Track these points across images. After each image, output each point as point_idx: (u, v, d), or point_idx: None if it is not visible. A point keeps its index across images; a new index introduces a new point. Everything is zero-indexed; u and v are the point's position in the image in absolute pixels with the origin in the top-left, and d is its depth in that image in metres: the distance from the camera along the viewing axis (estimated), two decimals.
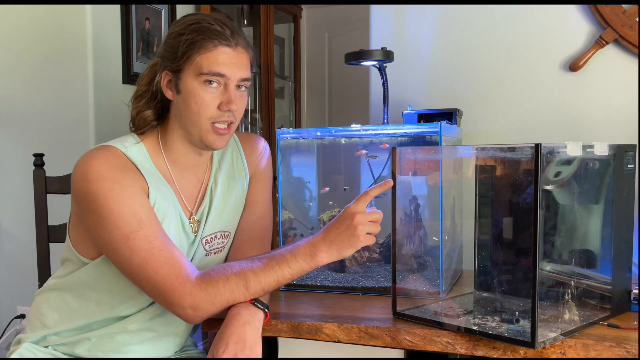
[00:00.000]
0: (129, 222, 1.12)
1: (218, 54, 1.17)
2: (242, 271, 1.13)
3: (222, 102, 1.18)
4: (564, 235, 1.18)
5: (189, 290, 1.11)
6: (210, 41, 1.17)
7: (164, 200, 1.21)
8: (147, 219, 1.14)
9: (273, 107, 3.33)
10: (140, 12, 2.61)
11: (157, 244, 1.12)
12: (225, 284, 1.11)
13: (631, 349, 0.98)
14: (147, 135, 1.27)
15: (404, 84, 1.80)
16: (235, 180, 1.34)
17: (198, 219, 1.28)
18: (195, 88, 1.17)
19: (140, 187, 1.17)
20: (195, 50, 1.17)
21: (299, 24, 3.93)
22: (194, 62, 1.17)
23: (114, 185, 1.13)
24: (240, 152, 1.37)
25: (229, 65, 1.18)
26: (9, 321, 2.51)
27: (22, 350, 1.29)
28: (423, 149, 1.32)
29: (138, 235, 1.12)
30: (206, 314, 1.13)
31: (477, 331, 1.06)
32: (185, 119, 1.21)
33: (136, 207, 1.13)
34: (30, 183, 1.60)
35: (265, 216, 1.37)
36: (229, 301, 1.12)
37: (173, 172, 1.27)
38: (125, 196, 1.13)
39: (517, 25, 1.68)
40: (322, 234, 1.14)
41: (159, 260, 1.11)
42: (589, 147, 1.10)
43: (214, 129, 1.19)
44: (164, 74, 1.22)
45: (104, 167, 1.15)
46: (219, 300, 1.12)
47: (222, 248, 1.32)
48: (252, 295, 1.13)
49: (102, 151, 1.18)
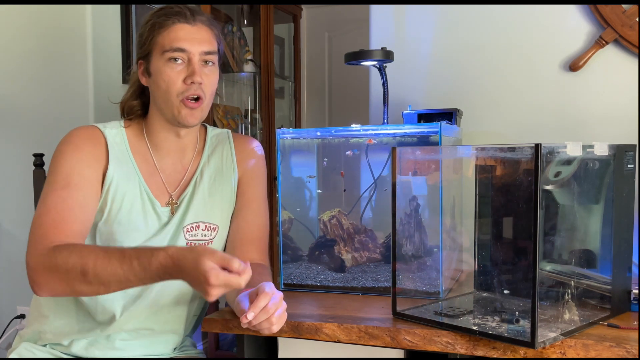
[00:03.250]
0: (58, 179, 1.19)
1: (177, 30, 1.24)
2: (86, 252, 1.06)
3: (187, 75, 1.23)
4: (564, 235, 1.18)
5: (39, 250, 1.10)
6: (169, 19, 1.24)
7: (127, 180, 1.26)
8: (74, 184, 1.19)
9: (273, 107, 3.33)
10: (140, 12, 2.60)
11: (60, 206, 1.16)
12: (64, 261, 1.06)
13: (631, 349, 0.98)
14: (133, 121, 1.33)
15: (404, 84, 1.80)
16: (222, 176, 1.36)
17: (177, 203, 1.30)
18: (161, 67, 1.24)
19: (96, 159, 1.24)
20: (156, 31, 1.24)
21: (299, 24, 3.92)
22: (157, 43, 1.24)
23: (69, 148, 1.23)
24: (232, 150, 1.38)
25: (189, 40, 1.24)
26: (9, 321, 2.51)
27: (21, 350, 1.29)
28: (423, 149, 1.32)
29: (55, 192, 1.18)
30: (45, 288, 1.09)
31: (477, 331, 1.06)
32: (159, 100, 1.26)
33: (73, 171, 1.20)
34: (30, 183, 1.60)
35: (261, 215, 1.38)
36: (63, 282, 1.06)
37: (155, 157, 1.32)
38: (72, 159, 1.21)
39: (517, 25, 1.68)
40: (179, 256, 0.99)
41: (49, 218, 1.15)
42: (589, 147, 1.10)
43: (184, 103, 1.24)
44: (139, 63, 1.29)
45: (75, 134, 1.25)
46: (54, 277, 1.07)
47: (209, 241, 1.32)
48: (89, 284, 1.04)
49: (83, 126, 1.29)
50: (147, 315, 1.27)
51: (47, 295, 1.12)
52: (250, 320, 1.02)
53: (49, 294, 1.12)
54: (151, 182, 1.29)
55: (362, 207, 1.42)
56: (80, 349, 1.28)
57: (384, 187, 1.39)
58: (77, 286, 1.07)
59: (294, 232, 1.45)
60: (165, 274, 1.01)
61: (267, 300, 1.02)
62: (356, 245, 1.42)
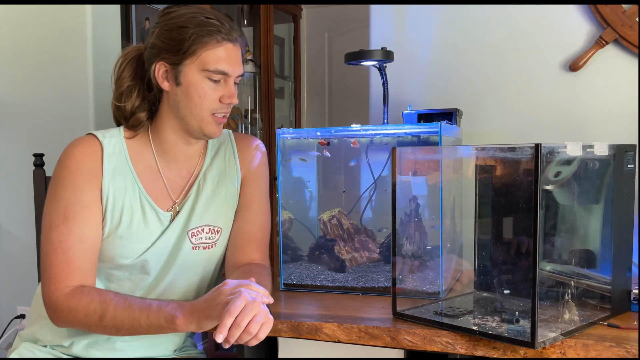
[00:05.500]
0: (57, 213, 1.20)
1: (223, 50, 1.22)
2: (107, 300, 1.15)
3: (225, 96, 1.24)
4: (564, 235, 1.18)
5: (56, 297, 1.17)
6: (214, 35, 1.21)
7: (124, 193, 1.25)
8: (72, 217, 1.19)
9: (273, 107, 3.33)
10: (140, 12, 2.61)
11: (65, 245, 1.18)
12: (86, 306, 1.15)
13: (631, 349, 0.98)
14: (137, 128, 1.30)
15: (404, 84, 1.80)
16: (225, 177, 1.35)
17: (179, 209, 1.29)
18: (198, 82, 1.22)
19: (94, 177, 1.23)
20: (200, 45, 1.20)
21: (299, 24, 3.92)
22: (198, 57, 1.21)
23: (66, 173, 1.22)
24: (234, 151, 1.38)
25: (231, 63, 1.23)
26: (9, 321, 2.51)
27: (21, 350, 1.29)
28: (423, 149, 1.32)
29: (58, 229, 1.19)
30: (63, 323, 1.20)
31: (477, 331, 1.06)
32: (185, 110, 1.24)
33: (70, 202, 1.20)
34: (30, 183, 1.60)
35: (262, 215, 1.37)
36: (81, 322, 1.16)
37: (161, 163, 1.30)
38: (69, 187, 1.21)
39: (517, 25, 1.68)
40: (192, 303, 1.10)
41: (57, 258, 1.18)
42: (589, 147, 1.10)
43: (214, 119, 1.25)
44: (158, 65, 1.24)
45: (70, 155, 1.23)
46: (73, 317, 1.16)
47: (212, 244, 1.32)
48: (104, 328, 1.15)
49: (80, 140, 1.26)
50: None
51: (64, 327, 1.24)
52: (224, 340, 1.01)
53: (64, 326, 1.22)
54: (154, 189, 1.28)
55: (362, 207, 1.43)
56: (81, 350, 1.28)
57: (384, 187, 1.39)
58: (93, 328, 1.17)
59: (294, 232, 1.45)
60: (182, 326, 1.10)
61: (232, 318, 0.99)
62: (356, 245, 1.42)
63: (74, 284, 1.17)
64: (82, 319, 1.15)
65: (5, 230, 2.56)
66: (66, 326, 1.21)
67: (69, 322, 1.18)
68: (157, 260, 1.26)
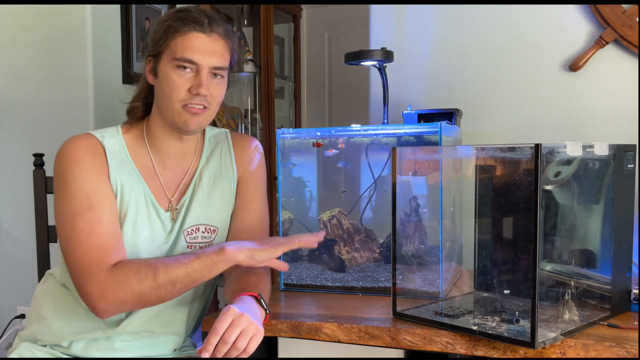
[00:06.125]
0: (79, 203, 1.18)
1: (191, 39, 1.21)
2: (153, 263, 1.15)
3: (193, 85, 1.21)
4: (564, 235, 1.18)
5: (101, 278, 1.14)
6: (185, 26, 1.21)
7: (131, 189, 1.24)
8: (97, 204, 1.18)
9: (273, 107, 3.33)
10: (140, 12, 2.61)
11: (97, 230, 1.17)
12: (135, 273, 1.13)
13: (631, 349, 0.98)
14: (132, 125, 1.31)
15: (404, 84, 1.80)
16: (221, 177, 1.35)
17: (177, 208, 1.29)
18: (168, 72, 1.22)
19: (101, 170, 1.22)
20: (171, 34, 1.21)
21: (299, 24, 3.92)
22: (169, 47, 1.22)
23: (76, 166, 1.20)
24: (230, 151, 1.37)
25: (201, 52, 1.21)
26: (9, 321, 2.51)
27: (21, 350, 1.29)
28: (423, 149, 1.32)
29: (84, 217, 1.17)
30: (113, 304, 1.15)
31: (477, 331, 1.06)
32: (160, 102, 1.25)
33: (90, 191, 1.19)
34: (30, 183, 1.60)
35: (261, 216, 1.37)
36: (134, 291, 1.13)
37: (156, 161, 1.30)
38: (84, 178, 1.19)
39: (517, 25, 1.68)
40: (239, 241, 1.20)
41: (92, 245, 1.16)
42: (589, 147, 1.10)
43: (185, 109, 1.22)
44: (148, 60, 1.27)
45: (73, 149, 1.21)
46: (126, 288, 1.13)
47: (208, 243, 1.32)
48: (159, 287, 1.13)
49: (79, 137, 1.25)
50: (149, 317, 1.27)
51: (111, 315, 1.18)
52: (210, 355, 1.01)
53: (113, 310, 1.17)
54: (153, 188, 1.28)
55: (362, 207, 1.43)
56: (80, 350, 1.28)
57: (384, 187, 1.39)
58: (148, 293, 1.14)
59: (294, 232, 1.45)
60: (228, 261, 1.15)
61: (217, 337, 1.00)
62: (356, 245, 1.42)
63: (114, 262, 1.16)
64: (136, 286, 1.13)
65: (5, 230, 2.56)
66: (117, 308, 1.16)
67: (120, 300, 1.14)
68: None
